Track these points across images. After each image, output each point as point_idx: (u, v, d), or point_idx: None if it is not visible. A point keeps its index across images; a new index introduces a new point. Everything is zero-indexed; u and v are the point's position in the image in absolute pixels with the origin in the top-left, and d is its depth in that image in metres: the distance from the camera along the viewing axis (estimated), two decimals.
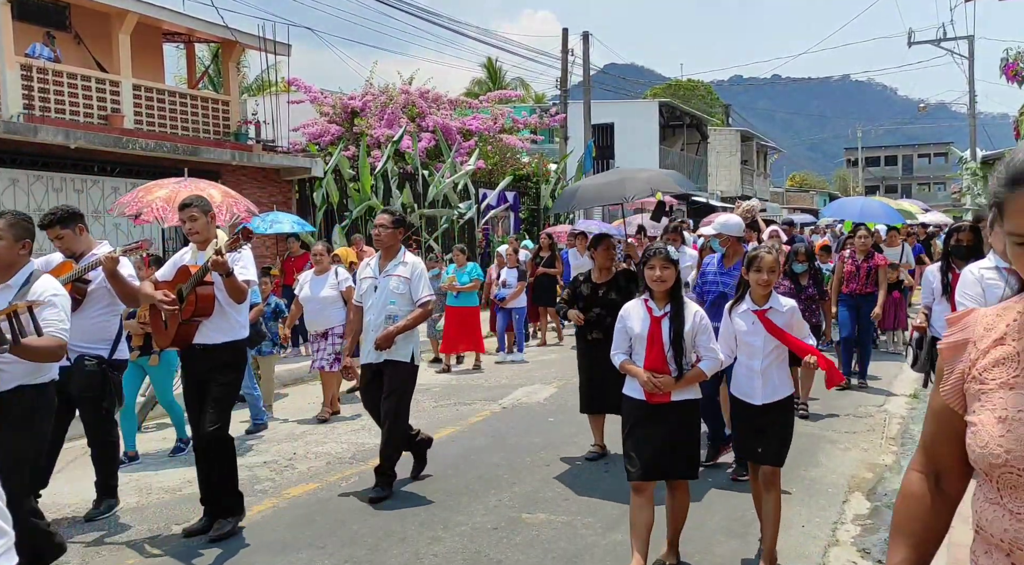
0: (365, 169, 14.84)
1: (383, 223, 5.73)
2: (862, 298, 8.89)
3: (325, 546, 4.78)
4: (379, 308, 5.67)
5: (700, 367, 4.18)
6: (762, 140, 44.49)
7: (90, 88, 11.53)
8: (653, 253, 4.17)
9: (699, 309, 4.28)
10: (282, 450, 7.05)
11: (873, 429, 7.28)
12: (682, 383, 4.12)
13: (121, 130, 11.57)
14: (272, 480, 6.17)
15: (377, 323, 5.64)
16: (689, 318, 4.15)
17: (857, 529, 4.93)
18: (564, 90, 23.46)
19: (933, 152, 74.18)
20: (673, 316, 4.14)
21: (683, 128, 33.95)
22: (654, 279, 4.12)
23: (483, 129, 19.82)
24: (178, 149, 11.93)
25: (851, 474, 5.99)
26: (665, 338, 4.09)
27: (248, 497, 5.74)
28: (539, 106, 27.73)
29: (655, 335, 4.11)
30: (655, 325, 4.13)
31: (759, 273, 4.29)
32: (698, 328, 4.16)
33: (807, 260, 7.84)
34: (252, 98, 19.22)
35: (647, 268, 4.13)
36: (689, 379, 4.14)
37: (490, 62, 33.51)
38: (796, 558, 4.48)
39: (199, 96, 13.73)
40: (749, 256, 4.39)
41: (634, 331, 4.17)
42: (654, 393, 4.09)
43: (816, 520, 5.03)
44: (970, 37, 29.89)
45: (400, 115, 18.46)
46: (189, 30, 13.90)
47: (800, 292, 7.49)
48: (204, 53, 19.99)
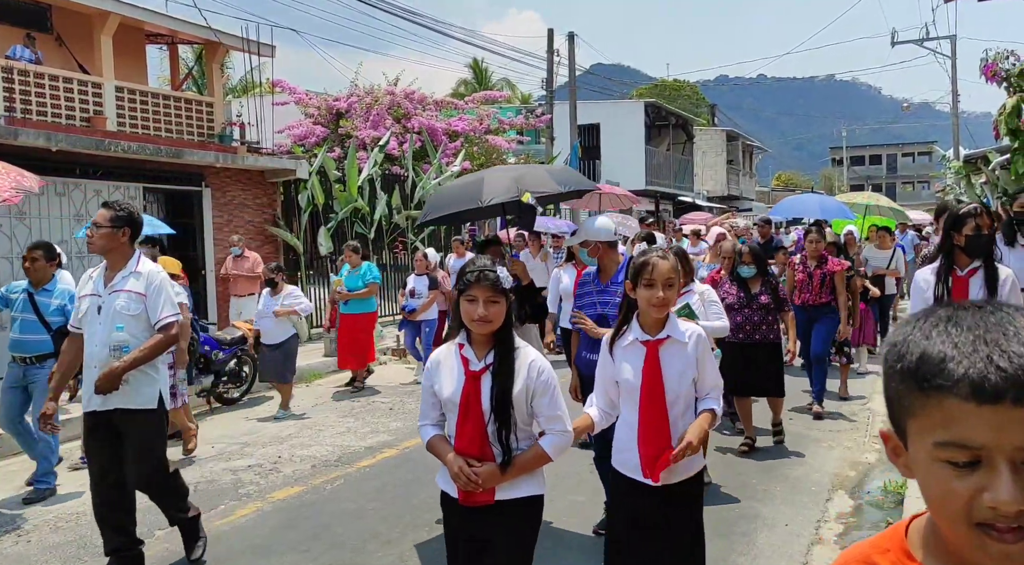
0: (353, 171, 14.81)
1: (100, 221, 4.29)
2: (816, 310, 7.78)
3: (309, 549, 4.77)
4: (103, 336, 4.18)
5: (541, 446, 2.80)
6: (748, 140, 44.70)
7: (72, 90, 11.44)
8: (474, 278, 2.72)
9: (537, 357, 2.83)
10: (267, 453, 7.03)
11: (856, 427, 7.33)
12: (510, 474, 2.76)
13: (104, 132, 11.48)
14: (257, 483, 6.14)
15: (100, 357, 4.16)
16: (521, 372, 2.77)
17: (840, 527, 4.96)
18: (550, 91, 23.49)
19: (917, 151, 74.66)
20: (497, 370, 2.76)
21: (669, 128, 34.07)
22: (474, 318, 2.72)
23: (469, 130, 19.82)
24: (161, 151, 11.85)
25: (834, 472, 6.02)
26: (485, 404, 2.75)
27: (232, 501, 5.73)
28: (525, 107, 27.73)
29: (471, 399, 2.77)
30: (471, 384, 2.77)
31: (651, 288, 3.03)
32: (536, 387, 2.78)
33: (754, 262, 6.64)
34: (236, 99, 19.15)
35: (464, 300, 2.76)
36: (521, 467, 2.78)
37: (476, 63, 33.52)
38: (780, 557, 4.51)
39: (183, 98, 13.65)
40: (636, 264, 3.12)
41: (443, 393, 2.84)
42: (470, 491, 2.77)
43: (800, 519, 5.06)
44: (952, 37, 30.15)
45: (386, 116, 18.43)
46: (172, 31, 13.81)
47: (751, 301, 6.58)
48: (188, 54, 19.89)
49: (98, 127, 11.56)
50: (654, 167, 30.52)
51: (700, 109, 46.23)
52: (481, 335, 2.79)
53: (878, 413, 7.77)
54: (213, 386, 8.85)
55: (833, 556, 4.51)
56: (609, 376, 3.19)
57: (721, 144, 39.18)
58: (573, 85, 23.09)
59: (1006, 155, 10.52)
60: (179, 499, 4.56)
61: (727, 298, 6.50)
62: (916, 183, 72.83)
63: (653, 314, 3.08)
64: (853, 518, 5.11)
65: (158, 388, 4.27)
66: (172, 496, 4.52)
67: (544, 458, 2.81)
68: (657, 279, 3.02)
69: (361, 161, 16.20)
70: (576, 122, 22.82)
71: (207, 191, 13.05)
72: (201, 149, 12.88)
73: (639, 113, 30.45)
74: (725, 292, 6.58)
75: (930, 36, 29.49)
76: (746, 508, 5.24)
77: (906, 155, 76.13)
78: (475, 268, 2.76)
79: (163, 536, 5.07)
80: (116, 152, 11.21)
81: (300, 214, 14.46)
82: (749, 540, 4.72)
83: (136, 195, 12.02)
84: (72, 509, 5.60)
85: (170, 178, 12.51)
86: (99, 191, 11.43)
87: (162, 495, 4.48)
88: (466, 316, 2.75)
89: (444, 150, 18.23)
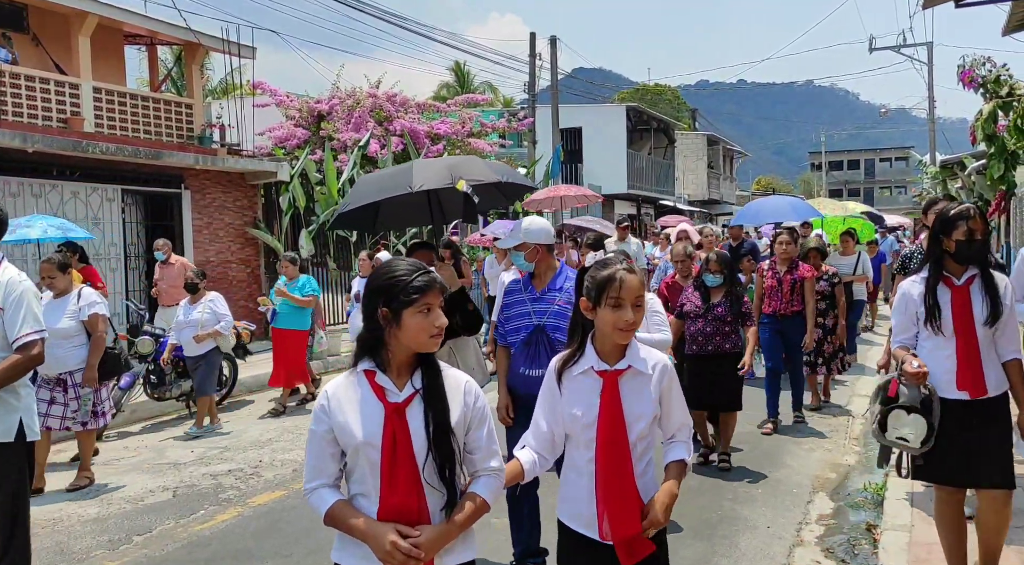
0: (331, 173, 14.74)
1: None
2: (788, 320, 7.34)
3: (291, 554, 4.73)
4: None
5: (479, 494, 2.21)
6: (728, 144, 45.05)
7: (49, 90, 11.31)
8: (426, 283, 2.17)
9: (469, 379, 2.29)
10: (248, 458, 6.97)
11: (836, 430, 7.39)
12: (448, 533, 2.14)
13: (81, 133, 11.35)
14: (237, 488, 6.09)
15: None
16: (455, 397, 2.21)
17: (821, 529, 5.00)
18: (532, 94, 23.52)
19: (894, 156, 75.60)
20: (429, 396, 2.17)
21: (651, 132, 34.24)
22: (432, 333, 2.17)
23: (451, 133, 19.79)
24: (140, 153, 11.74)
25: (815, 474, 6.07)
26: (419, 441, 2.13)
27: (213, 506, 5.68)
28: (507, 110, 27.76)
29: (398, 437, 2.12)
30: (394, 420, 2.13)
31: (619, 309, 2.41)
32: (472, 416, 2.23)
33: (721, 271, 6.16)
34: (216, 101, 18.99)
35: (415, 312, 2.14)
36: (463, 524, 2.18)
37: (458, 66, 33.52)
38: (761, 558, 4.53)
39: (162, 99, 13.53)
40: (597, 279, 2.45)
41: (353, 436, 2.13)
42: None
43: (781, 521, 5.09)
44: (929, 43, 30.61)
45: (368, 119, 18.37)
46: (151, 32, 13.69)
47: (707, 312, 6.15)
48: (167, 55, 19.71)
49: (75, 128, 11.43)
50: (636, 171, 30.66)
51: (681, 113, 46.51)
52: (404, 359, 2.19)
53: (857, 416, 7.83)
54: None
55: (815, 557, 4.54)
56: (552, 409, 2.54)
57: (702, 148, 39.45)
58: (555, 89, 23.14)
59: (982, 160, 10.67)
60: (16, 558, 3.51)
61: (686, 305, 6.27)
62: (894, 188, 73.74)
63: (617, 340, 2.45)
64: (834, 520, 5.14)
65: (16, 418, 3.50)
66: (22, 548, 3.54)
67: (484, 508, 2.21)
68: (626, 298, 2.40)
69: (343, 164, 16.13)
70: (558, 126, 22.87)
71: (187, 193, 12.94)
72: (180, 151, 12.77)
73: (621, 117, 30.59)
74: (686, 298, 6.33)
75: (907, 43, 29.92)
76: (727, 510, 5.26)
77: (884, 160, 77.05)
78: (421, 271, 2.18)
79: (141, 541, 5.02)
80: (94, 153, 11.09)
81: (281, 217, 14.37)
82: (731, 542, 4.74)
83: (115, 197, 11.91)
84: (50, 514, 5.52)
85: (149, 180, 12.39)
86: (76, 193, 11.31)
87: (13, 539, 3.47)
88: (422, 332, 2.14)
89: (426, 153, 18.19)
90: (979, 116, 6.88)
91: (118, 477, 6.49)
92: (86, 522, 5.41)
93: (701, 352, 6.16)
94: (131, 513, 5.60)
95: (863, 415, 6.79)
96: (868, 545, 4.67)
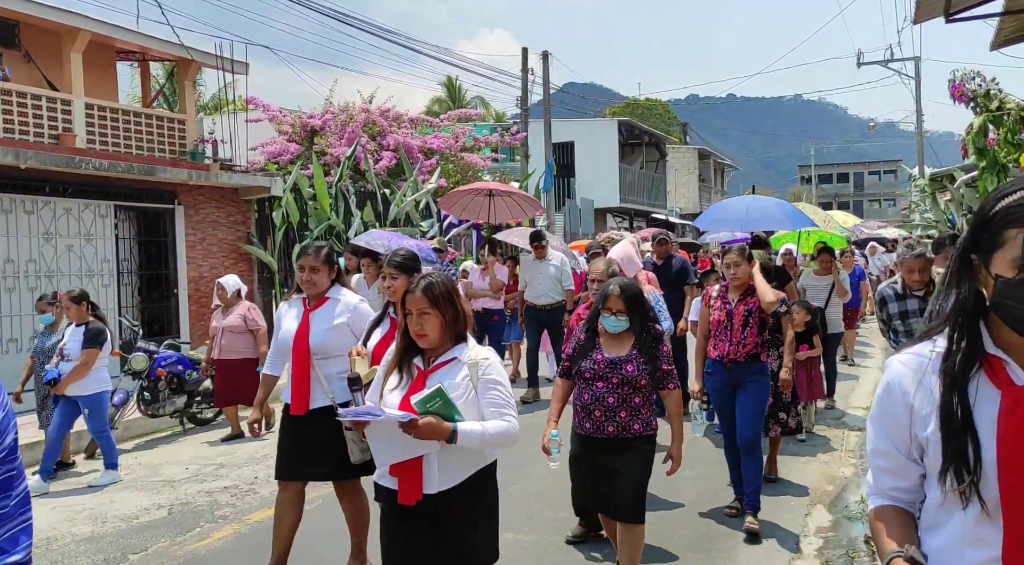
0: (322, 187, 14.74)
1: None
2: (738, 368, 5.10)
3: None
4: None
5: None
6: (719, 157, 45.31)
7: (40, 107, 11.28)
8: None
9: None
10: (243, 474, 6.92)
11: (832, 442, 7.40)
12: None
13: (73, 149, 11.32)
14: (233, 505, 6.05)
15: None
16: None
17: (820, 541, 5.00)
18: (524, 109, 23.62)
19: (883, 169, 76.19)
20: None
21: (642, 146, 34.41)
22: None
23: (444, 148, 19.84)
24: (133, 169, 11.71)
25: (813, 487, 6.07)
26: None
27: (209, 523, 5.64)
28: (500, 125, 27.87)
29: None
30: None
31: None
32: None
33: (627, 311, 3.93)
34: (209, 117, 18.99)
35: None
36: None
37: (450, 80, 33.64)
38: None
39: (154, 115, 13.50)
40: None
41: None
42: None
43: (780, 533, 5.08)
44: (917, 58, 30.93)
45: (360, 133, 18.40)
46: (143, 48, 13.68)
47: (611, 371, 3.97)
48: (159, 71, 19.71)
49: (68, 144, 11.40)
50: (628, 184, 30.80)
51: (672, 127, 46.79)
52: None
53: (853, 428, 7.84)
54: (186, 406, 8.72)
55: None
56: None
57: (693, 162, 39.68)
58: (547, 103, 23.26)
59: (972, 173, 10.75)
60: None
61: (583, 361, 4.06)
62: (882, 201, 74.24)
63: None
64: (832, 532, 5.15)
65: None
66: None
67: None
68: None
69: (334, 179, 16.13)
70: (551, 140, 22.97)
71: (179, 209, 12.91)
72: (173, 167, 12.75)
73: (613, 131, 30.75)
74: (579, 349, 4.13)
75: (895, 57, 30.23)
76: (727, 524, 5.25)
77: (872, 173, 77.62)
78: None
79: (136, 561, 4.97)
80: (87, 170, 11.06)
81: (275, 232, 14.35)
82: (730, 556, 4.73)
83: (107, 213, 11.86)
84: (43, 534, 5.46)
85: (142, 196, 12.36)
86: (69, 209, 11.27)
87: None
88: None
89: (420, 167, 18.22)
90: (970, 129, 6.94)
91: (112, 495, 6.43)
92: (80, 541, 5.36)
93: (595, 434, 3.99)
94: (126, 532, 5.55)
95: None
96: (867, 557, 4.67)
